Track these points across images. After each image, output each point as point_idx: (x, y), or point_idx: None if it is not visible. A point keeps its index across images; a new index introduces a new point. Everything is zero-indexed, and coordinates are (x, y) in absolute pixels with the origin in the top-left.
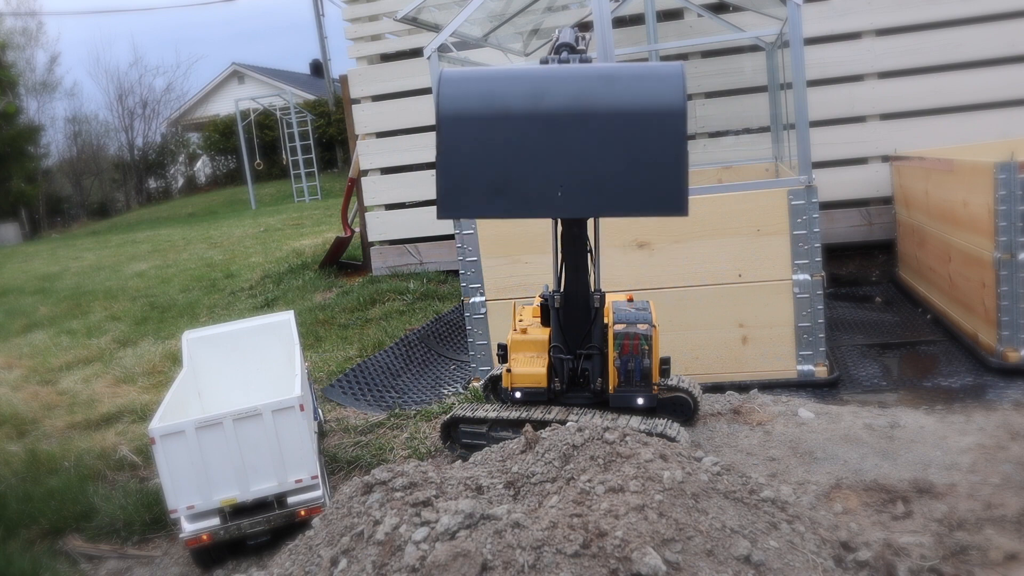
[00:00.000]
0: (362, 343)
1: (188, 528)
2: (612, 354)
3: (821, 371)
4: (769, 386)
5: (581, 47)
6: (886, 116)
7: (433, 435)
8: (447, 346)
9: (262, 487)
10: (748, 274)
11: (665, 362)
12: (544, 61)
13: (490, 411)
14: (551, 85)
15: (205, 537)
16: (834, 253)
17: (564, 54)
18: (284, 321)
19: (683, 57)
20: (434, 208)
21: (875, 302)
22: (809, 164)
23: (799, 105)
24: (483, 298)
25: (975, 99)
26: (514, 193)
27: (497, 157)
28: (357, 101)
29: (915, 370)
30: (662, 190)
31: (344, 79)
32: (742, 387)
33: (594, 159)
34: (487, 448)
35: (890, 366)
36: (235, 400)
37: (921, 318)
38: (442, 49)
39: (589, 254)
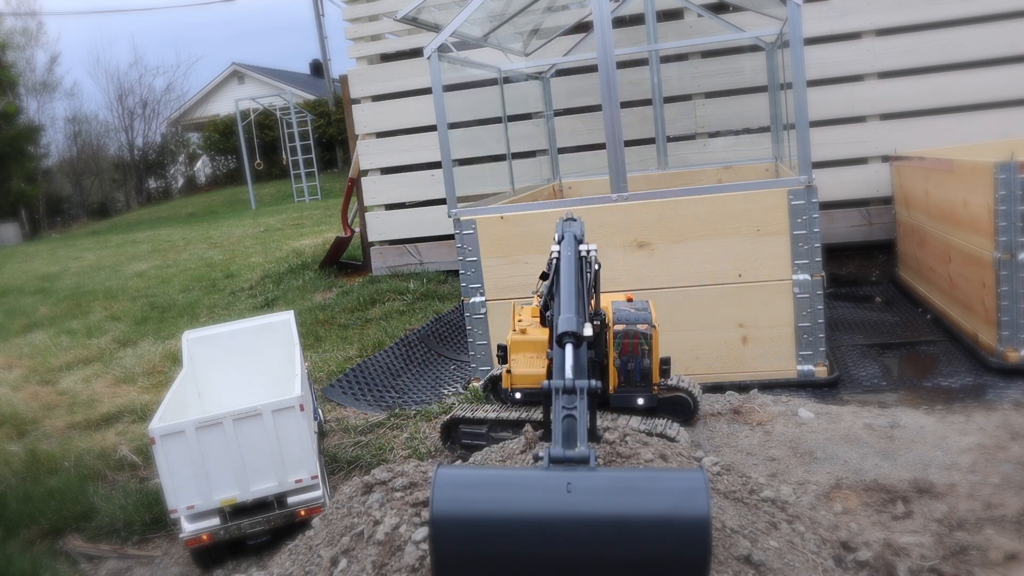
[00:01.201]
0: (362, 343)
1: (188, 528)
2: (612, 354)
3: (821, 371)
4: (769, 386)
5: (588, 278)
6: (886, 116)
7: (433, 435)
8: (447, 346)
9: (262, 487)
10: (748, 274)
11: (665, 362)
12: (546, 381)
13: (490, 411)
14: (557, 499)
15: (205, 537)
16: (834, 253)
17: (568, 350)
18: (284, 321)
19: (683, 57)
20: (434, 208)
21: (875, 302)
22: (809, 164)
23: (799, 105)
24: (483, 298)
25: (975, 99)
26: None
27: None
28: (357, 101)
29: (915, 370)
30: None
31: (344, 79)
32: (742, 387)
33: None
34: (487, 448)
35: (890, 366)
36: (235, 400)
37: (921, 318)
38: (442, 49)
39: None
